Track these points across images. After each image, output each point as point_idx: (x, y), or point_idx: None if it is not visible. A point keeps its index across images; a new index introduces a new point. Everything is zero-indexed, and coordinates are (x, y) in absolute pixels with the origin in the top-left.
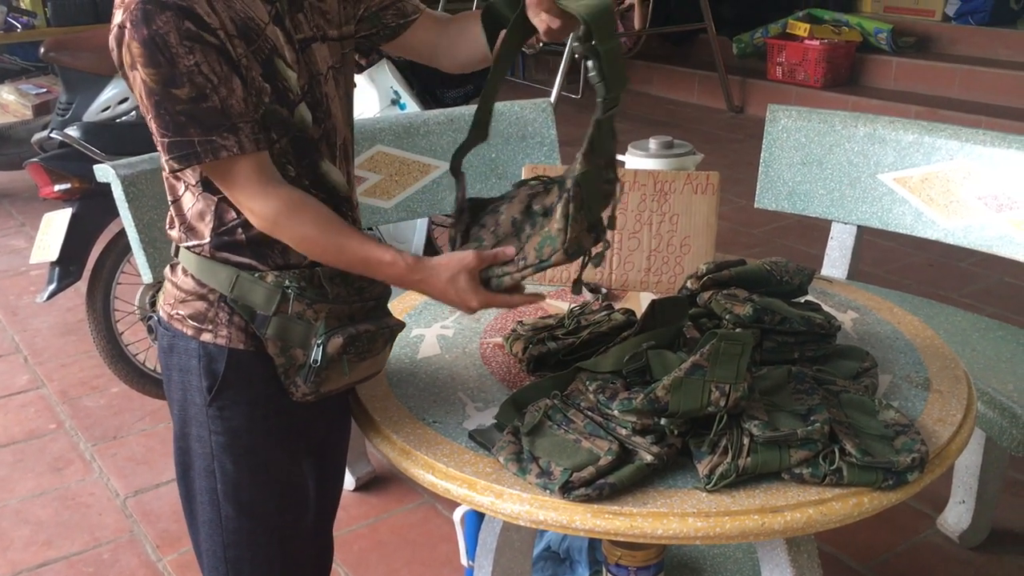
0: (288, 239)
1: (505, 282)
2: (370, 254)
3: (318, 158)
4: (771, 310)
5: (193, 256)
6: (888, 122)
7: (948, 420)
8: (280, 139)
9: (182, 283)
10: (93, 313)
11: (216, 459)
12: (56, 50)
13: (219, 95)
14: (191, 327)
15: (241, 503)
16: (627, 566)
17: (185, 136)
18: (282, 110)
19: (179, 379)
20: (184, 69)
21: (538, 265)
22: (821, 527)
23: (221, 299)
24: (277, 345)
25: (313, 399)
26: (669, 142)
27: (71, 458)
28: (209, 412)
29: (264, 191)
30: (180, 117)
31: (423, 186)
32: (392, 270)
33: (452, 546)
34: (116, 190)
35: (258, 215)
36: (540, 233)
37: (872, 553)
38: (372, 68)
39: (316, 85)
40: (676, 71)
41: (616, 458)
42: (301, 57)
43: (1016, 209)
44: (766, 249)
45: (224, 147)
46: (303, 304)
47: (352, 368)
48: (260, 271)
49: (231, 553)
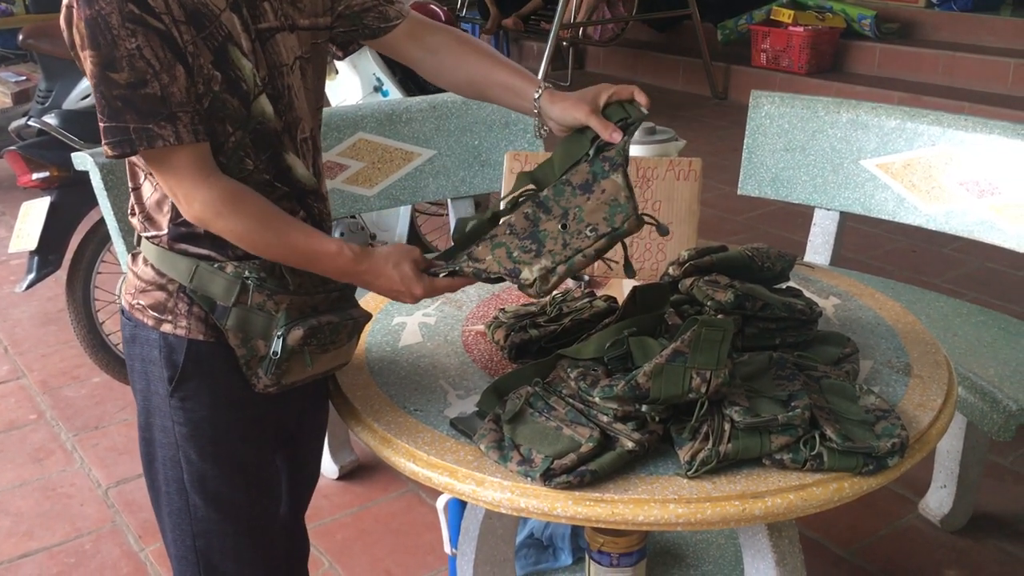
0: (227, 233)
1: (481, 277)
2: (314, 246)
3: (281, 151)
4: (753, 296)
5: (152, 246)
6: (871, 108)
7: (928, 405)
8: (235, 132)
9: (142, 272)
10: (73, 303)
11: (181, 449)
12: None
13: (160, 82)
14: (151, 317)
15: (207, 493)
16: (610, 553)
17: (121, 122)
18: (232, 100)
19: (141, 369)
20: (124, 52)
21: (612, 233)
22: (802, 512)
23: (180, 289)
24: (238, 336)
25: (276, 391)
26: (651, 128)
27: (52, 448)
28: (171, 403)
29: (201, 183)
30: (117, 102)
31: (406, 173)
32: (337, 261)
33: (436, 534)
34: (94, 178)
35: (194, 208)
36: (599, 202)
37: (854, 538)
38: (354, 55)
39: (278, 76)
40: (661, 58)
41: (597, 445)
42: (263, 47)
43: (997, 195)
44: (749, 236)
45: (160, 136)
46: (263, 295)
47: (315, 360)
48: (219, 262)
49: (200, 543)
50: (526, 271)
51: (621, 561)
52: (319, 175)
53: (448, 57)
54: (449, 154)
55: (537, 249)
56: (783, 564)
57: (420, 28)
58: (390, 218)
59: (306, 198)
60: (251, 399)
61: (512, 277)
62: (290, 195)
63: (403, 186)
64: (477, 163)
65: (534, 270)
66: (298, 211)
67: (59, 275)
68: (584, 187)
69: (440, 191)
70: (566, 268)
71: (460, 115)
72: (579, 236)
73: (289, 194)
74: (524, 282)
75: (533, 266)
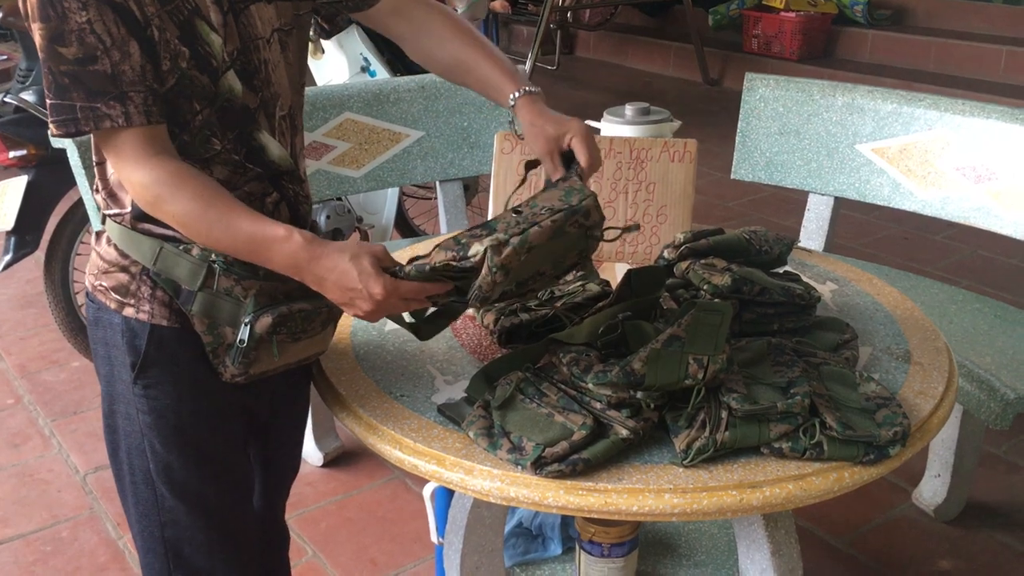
0: (170, 217)
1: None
2: (261, 230)
3: (253, 129)
4: (750, 280)
5: (115, 225)
6: (867, 92)
7: (929, 393)
8: (203, 110)
9: (105, 253)
10: (51, 285)
11: (146, 438)
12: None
13: (110, 59)
14: (114, 300)
15: (174, 484)
16: (601, 543)
17: (67, 99)
18: (202, 77)
19: (105, 354)
20: (74, 26)
21: (568, 209)
22: (800, 503)
23: (143, 272)
24: (204, 323)
25: (244, 381)
26: (646, 108)
27: (29, 434)
28: (135, 390)
29: (143, 164)
30: (64, 79)
31: (394, 155)
32: (285, 247)
33: (422, 523)
34: (72, 156)
35: (136, 189)
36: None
37: (847, 527)
38: (341, 34)
39: (253, 51)
40: (652, 43)
41: (590, 433)
42: (236, 19)
43: (995, 180)
44: (741, 222)
45: (108, 116)
46: (231, 280)
47: (284, 349)
48: (185, 243)
49: (168, 534)
50: (475, 245)
51: (612, 551)
52: (296, 155)
53: (432, 36)
54: (438, 135)
55: (488, 230)
56: (779, 555)
57: (406, 3)
58: (377, 201)
59: (280, 179)
60: (218, 388)
61: (459, 259)
62: (262, 176)
63: (390, 168)
64: (466, 145)
65: (483, 242)
66: (271, 193)
67: (37, 256)
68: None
69: (428, 173)
70: (520, 238)
71: (449, 96)
72: (533, 216)
73: (261, 175)
74: (474, 257)
75: (483, 239)
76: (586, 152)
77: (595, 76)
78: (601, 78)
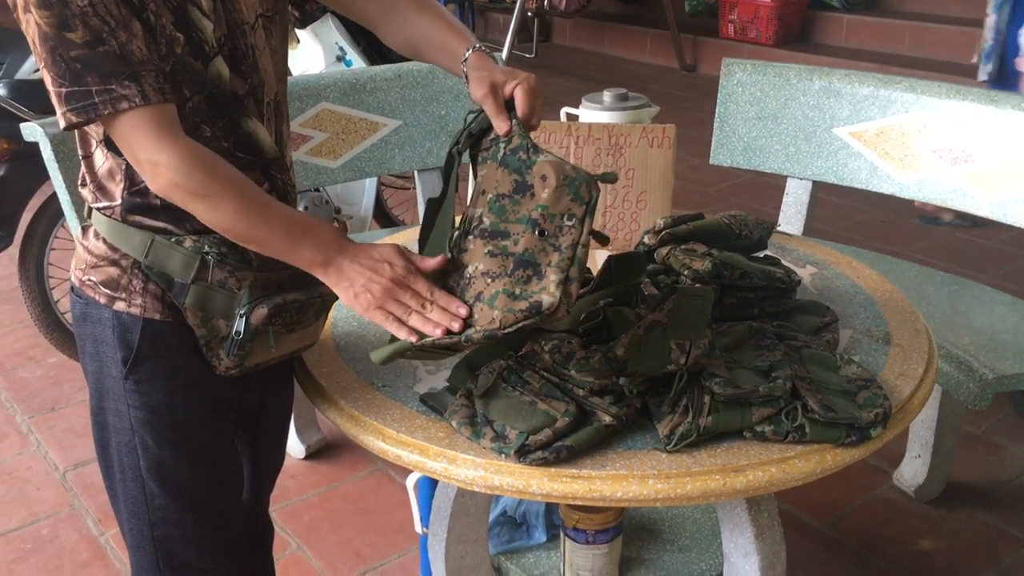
0: (199, 198)
1: (474, 337)
2: (297, 215)
3: (241, 116)
4: (730, 265)
5: (104, 218)
6: (843, 75)
7: (910, 374)
8: (193, 96)
9: (93, 247)
10: (26, 280)
11: (136, 435)
12: None
13: (117, 39)
14: (104, 295)
15: (166, 481)
16: (585, 530)
17: (82, 85)
18: (196, 63)
19: (93, 349)
20: (77, 10)
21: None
22: (784, 485)
23: (135, 265)
24: (198, 316)
25: (238, 373)
26: (624, 94)
27: (7, 431)
28: (126, 385)
29: (167, 144)
30: (76, 64)
31: (371, 144)
32: (327, 229)
33: (406, 513)
34: (45, 149)
35: (160, 170)
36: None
37: (829, 510)
38: (316, 24)
39: (240, 36)
40: (627, 29)
41: (573, 420)
42: (222, 4)
43: (970, 162)
44: (720, 208)
45: (125, 97)
46: (225, 271)
47: (279, 340)
48: (177, 235)
49: (158, 532)
50: (544, 297)
51: (597, 538)
52: (282, 143)
53: (398, 16)
54: (415, 124)
55: (535, 271)
56: (762, 538)
57: None
58: (355, 191)
59: (269, 168)
60: (211, 381)
61: (534, 314)
62: (253, 164)
63: (368, 158)
64: (444, 133)
65: (551, 291)
66: (262, 183)
67: (11, 252)
68: (520, 189)
69: (407, 163)
70: (576, 268)
71: (426, 84)
72: (563, 232)
73: (252, 163)
74: (550, 309)
75: (547, 288)
76: (526, 103)
77: (572, 63)
78: (578, 65)
